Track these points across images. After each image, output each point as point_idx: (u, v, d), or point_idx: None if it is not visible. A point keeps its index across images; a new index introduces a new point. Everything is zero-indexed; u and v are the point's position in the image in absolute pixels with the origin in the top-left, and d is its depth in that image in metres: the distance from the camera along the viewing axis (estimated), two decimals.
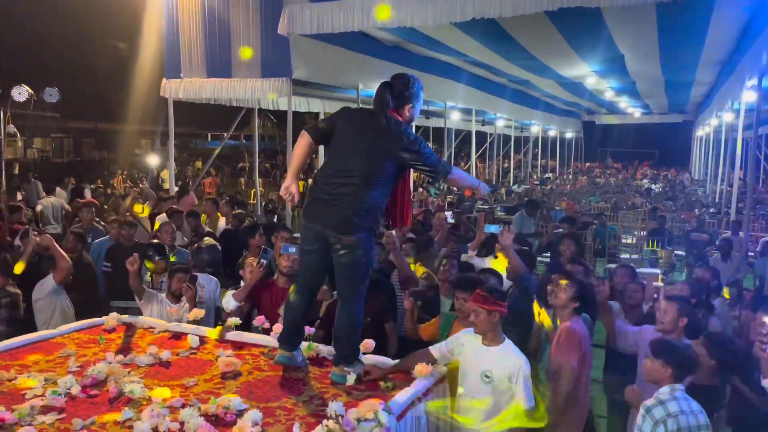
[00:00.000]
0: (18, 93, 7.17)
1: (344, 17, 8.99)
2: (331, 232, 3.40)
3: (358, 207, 3.35)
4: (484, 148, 25.00)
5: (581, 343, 3.84)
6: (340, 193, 3.37)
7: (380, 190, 3.40)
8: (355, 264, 3.43)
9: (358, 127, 3.48)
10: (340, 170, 3.42)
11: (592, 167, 35.71)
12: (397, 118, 3.46)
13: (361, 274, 3.47)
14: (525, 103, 21.42)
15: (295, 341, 3.65)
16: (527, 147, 29.38)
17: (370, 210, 3.39)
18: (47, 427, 2.82)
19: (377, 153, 3.38)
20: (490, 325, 3.36)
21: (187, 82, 10.82)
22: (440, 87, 14.95)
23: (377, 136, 3.40)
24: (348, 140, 3.46)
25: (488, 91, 17.85)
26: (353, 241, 3.37)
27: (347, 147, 3.44)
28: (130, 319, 4.44)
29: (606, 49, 12.63)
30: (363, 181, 3.35)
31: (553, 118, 26.60)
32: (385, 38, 11.96)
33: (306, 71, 10.32)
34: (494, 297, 3.37)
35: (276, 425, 2.89)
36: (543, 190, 15.20)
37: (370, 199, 3.37)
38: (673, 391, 3.12)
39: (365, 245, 3.42)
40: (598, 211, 14.71)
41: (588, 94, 20.47)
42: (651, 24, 10.30)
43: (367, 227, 3.41)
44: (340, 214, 3.36)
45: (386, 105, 3.45)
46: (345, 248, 3.39)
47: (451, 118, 17.63)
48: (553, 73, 16.49)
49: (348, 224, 3.36)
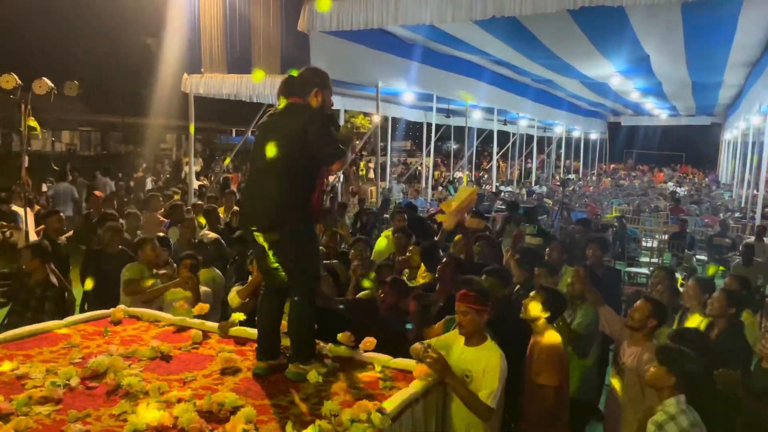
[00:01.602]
0: (38, 86, 7.25)
1: (364, 14, 9.00)
2: (258, 232, 3.44)
3: (274, 202, 3.34)
4: (507, 147, 24.84)
5: (563, 361, 3.77)
6: (256, 193, 3.44)
7: (294, 180, 3.33)
8: (291, 259, 3.41)
9: (262, 128, 3.51)
10: (253, 173, 3.54)
11: (617, 169, 35.25)
12: (303, 104, 3.41)
13: (300, 267, 3.43)
14: (548, 102, 21.20)
15: (272, 348, 3.58)
16: (551, 147, 29.10)
17: (289, 203, 3.34)
18: (43, 417, 2.84)
19: (283, 143, 3.34)
20: (477, 327, 3.34)
21: (208, 77, 10.89)
22: (462, 85, 14.85)
23: (276, 127, 3.41)
24: (257, 144, 3.49)
25: (511, 90, 17.69)
26: (277, 236, 3.36)
27: (257, 150, 3.45)
28: (137, 311, 4.46)
29: (631, 49, 12.43)
30: (273, 175, 3.35)
31: (577, 119, 26.30)
32: (407, 36, 11.90)
33: (325, 68, 10.28)
34: (482, 298, 3.34)
35: (270, 423, 2.87)
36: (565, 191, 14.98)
37: (284, 192, 3.33)
38: (680, 403, 3.04)
39: (293, 239, 3.37)
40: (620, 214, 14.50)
41: (613, 94, 20.21)
42: (676, 24, 10.11)
43: (291, 221, 3.35)
44: (261, 213, 3.39)
45: (286, 93, 3.44)
46: (273, 245, 3.41)
47: (472, 117, 17.51)
48: (576, 73, 16.29)
49: (268, 221, 3.38)
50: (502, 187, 20.75)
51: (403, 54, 12.17)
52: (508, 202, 11.48)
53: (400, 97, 14.93)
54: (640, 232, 12.26)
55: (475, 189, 6.48)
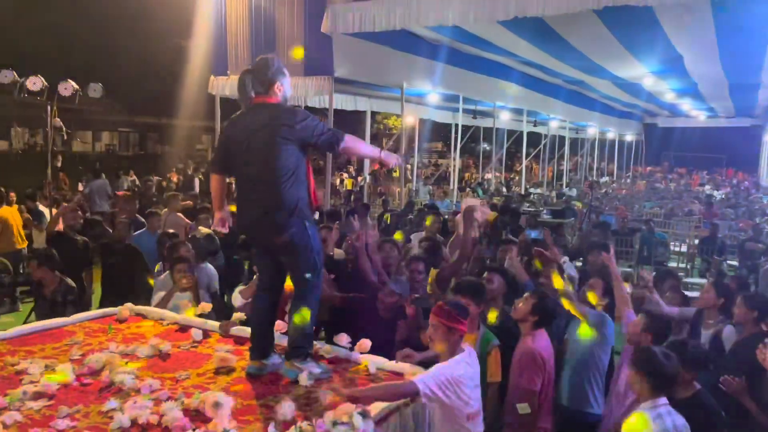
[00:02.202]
0: (64, 88, 7.44)
1: (386, 16, 9.00)
2: (265, 239, 3.42)
3: (278, 206, 3.30)
4: (539, 149, 24.55)
5: (544, 364, 3.70)
6: (256, 200, 3.35)
7: (291, 180, 3.31)
8: (297, 258, 3.40)
9: (241, 131, 3.41)
10: (246, 181, 3.42)
11: (653, 171, 34.52)
12: (271, 101, 3.38)
13: (308, 266, 3.42)
14: (580, 104, 20.90)
15: (265, 348, 3.58)
16: (584, 149, 28.67)
17: (291, 203, 3.31)
18: (33, 413, 2.90)
19: (270, 144, 3.29)
20: (448, 344, 3.13)
21: (234, 79, 11.01)
22: (489, 86, 14.73)
23: (261, 129, 3.32)
24: (238, 149, 3.41)
25: (540, 91, 17.49)
26: (287, 239, 3.33)
27: (242, 156, 3.39)
28: (143, 309, 4.54)
29: (663, 49, 12.17)
30: (270, 179, 3.29)
31: (611, 120, 25.86)
32: (432, 37, 11.87)
33: (348, 70, 10.37)
34: (457, 313, 3.14)
35: (254, 423, 2.89)
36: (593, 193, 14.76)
37: (286, 193, 3.29)
38: (655, 407, 2.96)
39: (301, 238, 3.36)
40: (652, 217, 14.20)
41: (646, 95, 19.79)
42: (707, 23, 9.87)
43: (297, 221, 3.33)
44: (265, 220, 3.33)
45: (253, 93, 3.36)
46: (282, 249, 3.39)
47: (500, 118, 17.35)
48: (608, 74, 16.01)
49: (275, 226, 3.32)
50: (532, 189, 20.52)
51: (429, 55, 12.13)
52: (500, 204, 11.30)
53: (428, 98, 14.86)
54: (669, 236, 11.97)
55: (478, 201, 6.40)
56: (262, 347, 3.57)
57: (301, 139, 3.33)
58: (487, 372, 3.89)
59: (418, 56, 11.92)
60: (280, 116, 3.32)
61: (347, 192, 17.60)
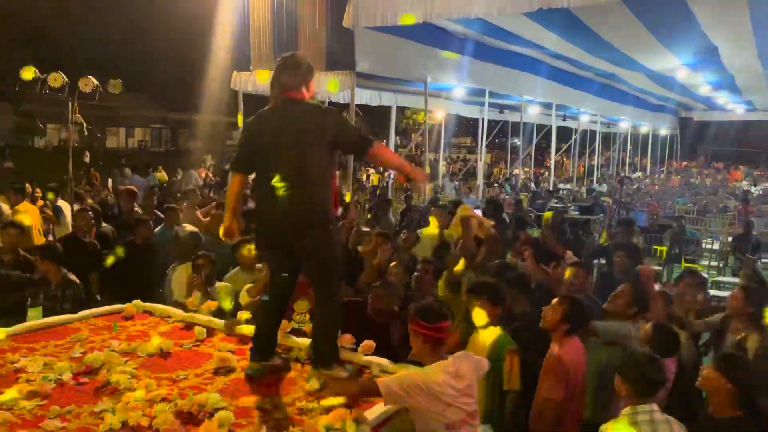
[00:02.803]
0: (84, 84, 7.48)
1: (409, 9, 8.86)
2: (288, 242, 3.27)
3: (307, 208, 3.20)
4: (569, 144, 24.11)
5: (567, 373, 3.51)
6: (282, 201, 3.20)
7: (319, 182, 3.22)
8: (323, 263, 3.29)
9: (270, 127, 3.28)
10: (273, 183, 3.22)
11: (689, 166, 33.67)
12: (302, 98, 3.27)
13: (332, 271, 3.33)
14: (612, 97, 20.41)
15: (268, 349, 3.50)
16: (617, 144, 28.09)
17: (320, 205, 3.22)
18: (25, 412, 2.86)
19: (301, 143, 3.18)
20: (417, 347, 2.96)
21: (257, 74, 10.99)
22: (517, 80, 14.46)
23: (292, 127, 3.21)
24: (265, 147, 3.28)
25: (570, 84, 17.12)
26: (312, 244, 3.22)
27: (269, 154, 3.26)
28: (150, 306, 4.50)
29: (696, 40, 11.78)
30: (300, 179, 3.18)
31: (645, 114, 25.24)
32: (457, 30, 11.68)
33: (370, 64, 10.26)
34: (421, 317, 2.92)
35: (247, 427, 2.80)
36: (623, 189, 14.38)
37: (315, 195, 3.20)
38: (635, 414, 2.80)
39: (326, 243, 3.26)
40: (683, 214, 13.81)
41: (680, 88, 19.24)
42: (742, 13, 9.49)
43: (323, 224, 3.24)
44: (292, 222, 3.21)
45: (287, 90, 3.25)
46: (309, 252, 3.26)
47: (528, 112, 17.04)
48: (640, 67, 15.60)
49: (302, 229, 3.21)
50: (561, 184, 20.15)
51: (453, 48, 11.94)
52: (489, 200, 11.05)
53: (454, 92, 14.66)
54: (702, 233, 11.61)
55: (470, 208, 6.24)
56: (264, 348, 3.48)
57: (332, 141, 3.24)
58: (504, 379, 3.73)
59: (443, 50, 11.74)
60: (313, 115, 3.23)
61: (373, 188, 17.52)
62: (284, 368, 3.48)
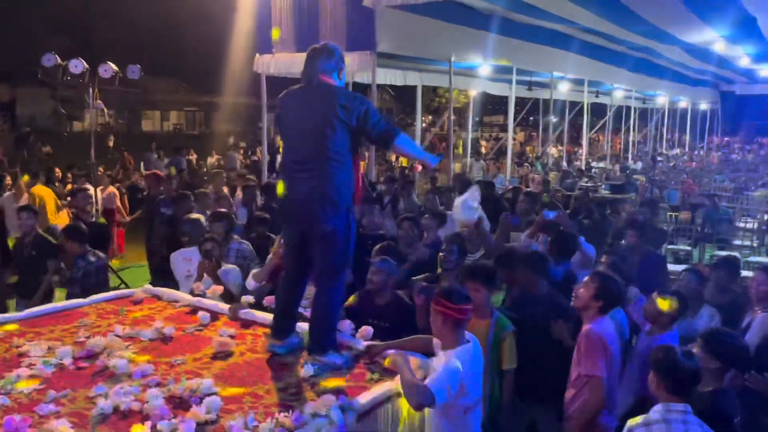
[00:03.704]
0: (104, 70, 7.57)
1: None
2: (306, 223, 3.30)
3: (325, 192, 3.20)
4: (604, 121, 23.55)
5: (605, 347, 3.44)
6: (305, 183, 3.24)
7: (341, 166, 3.23)
8: (334, 249, 3.29)
9: (298, 104, 3.34)
10: (297, 161, 3.30)
11: (731, 142, 32.59)
12: (334, 83, 3.31)
13: (342, 257, 3.33)
14: (648, 72, 19.79)
15: (287, 328, 3.53)
16: (655, 120, 27.33)
17: (338, 191, 3.22)
18: (22, 396, 2.92)
19: (325, 123, 3.19)
20: (438, 328, 2.98)
21: (279, 57, 10.97)
22: (546, 56, 14.13)
23: (319, 105, 3.23)
24: (293, 126, 3.34)
25: (603, 59, 16.66)
26: (330, 228, 3.24)
27: (295, 133, 3.33)
28: (159, 291, 4.55)
29: (733, 11, 11.33)
30: (322, 159, 3.20)
31: (683, 89, 24.43)
32: (482, 7, 11.43)
33: (392, 44, 10.13)
34: (447, 298, 2.95)
35: (237, 412, 2.81)
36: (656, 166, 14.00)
37: (336, 179, 3.21)
38: (668, 412, 2.69)
39: (342, 228, 3.27)
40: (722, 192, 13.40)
41: (719, 60, 18.56)
42: None
43: (341, 210, 3.24)
44: (311, 203, 3.22)
45: (320, 73, 3.29)
46: (323, 236, 3.27)
47: (558, 89, 16.65)
48: (675, 40, 15.08)
49: (321, 211, 3.21)
50: (594, 163, 19.73)
51: (479, 26, 11.71)
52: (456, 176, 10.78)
53: (480, 70, 14.40)
54: (737, 212, 11.23)
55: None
56: (283, 327, 3.52)
57: (357, 126, 3.23)
58: (502, 359, 3.75)
59: (467, 27, 11.53)
60: (340, 97, 3.24)
61: (401, 169, 17.38)
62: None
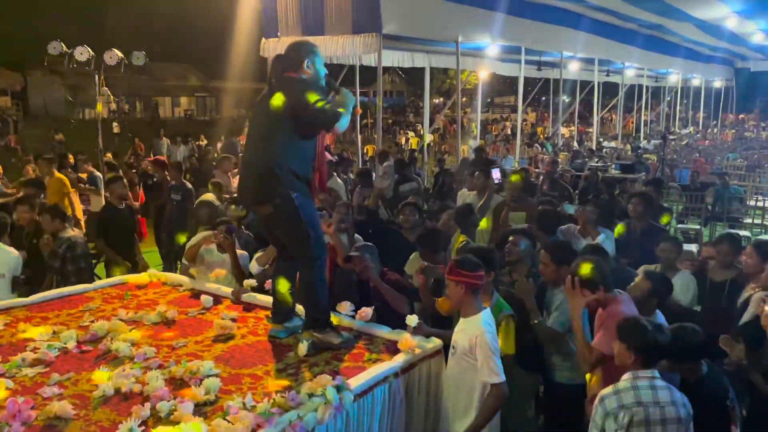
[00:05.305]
0: (109, 57, 7.60)
1: None
2: (250, 205, 3.54)
3: (261, 173, 3.30)
4: (616, 100, 23.30)
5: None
6: (246, 167, 3.48)
7: (280, 148, 3.28)
8: (288, 229, 3.38)
9: (257, 103, 3.51)
10: (245, 149, 3.59)
11: (745, 119, 32.12)
12: (296, 76, 3.38)
13: (300, 236, 3.36)
14: (660, 49, 19.55)
15: (286, 312, 3.57)
16: (669, 98, 26.99)
17: (274, 172, 3.24)
18: (26, 379, 2.98)
19: (264, 113, 3.35)
20: (460, 297, 3.16)
21: (285, 41, 10.94)
22: (555, 35, 13.98)
23: (264, 99, 3.37)
24: (250, 119, 3.63)
25: (614, 37, 16.47)
26: (270, 209, 3.34)
27: (250, 124, 3.57)
28: (164, 276, 4.61)
29: None
30: (259, 146, 3.37)
31: (696, 66, 24.11)
32: None
33: (397, 25, 10.07)
34: (463, 267, 3.13)
35: (236, 393, 2.85)
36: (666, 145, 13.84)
37: (270, 161, 3.27)
38: (635, 379, 2.76)
39: (287, 210, 3.29)
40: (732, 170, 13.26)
41: (732, 37, 18.28)
42: None
43: (281, 190, 3.26)
44: (250, 188, 3.41)
45: (279, 71, 3.41)
46: (269, 218, 3.41)
47: (568, 68, 16.48)
48: (687, 16, 14.89)
49: (257, 194, 3.36)
50: (605, 143, 19.55)
51: (486, 5, 11.59)
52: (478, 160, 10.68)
53: (488, 51, 14.26)
54: (749, 189, 11.12)
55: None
56: (282, 311, 3.57)
57: (292, 108, 3.26)
58: (499, 344, 3.74)
59: (474, 6, 11.42)
60: (283, 84, 3.33)
61: (411, 151, 17.35)
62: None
